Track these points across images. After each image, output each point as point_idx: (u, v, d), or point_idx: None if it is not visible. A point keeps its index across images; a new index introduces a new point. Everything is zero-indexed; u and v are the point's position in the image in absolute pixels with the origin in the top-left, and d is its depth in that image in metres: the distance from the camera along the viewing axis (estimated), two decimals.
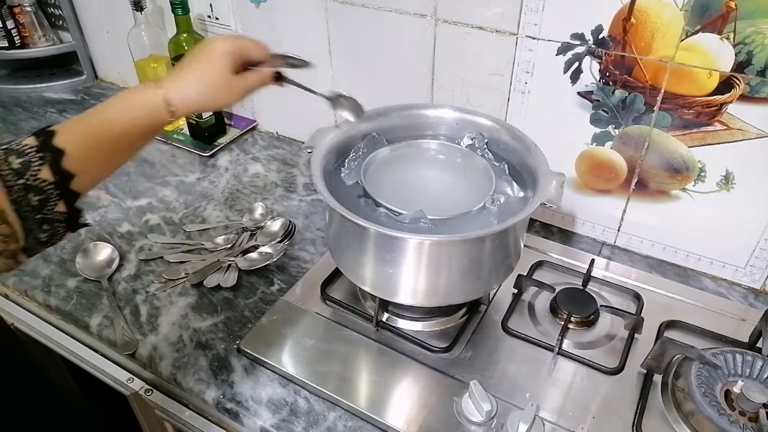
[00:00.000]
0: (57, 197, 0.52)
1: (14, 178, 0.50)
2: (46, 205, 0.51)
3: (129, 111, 0.57)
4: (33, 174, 0.50)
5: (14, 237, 0.50)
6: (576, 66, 0.79)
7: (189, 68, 0.60)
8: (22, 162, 0.50)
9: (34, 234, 0.52)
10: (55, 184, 0.51)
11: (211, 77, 0.60)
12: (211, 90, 0.60)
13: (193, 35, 1.09)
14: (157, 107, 0.57)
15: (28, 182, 0.50)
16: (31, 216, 0.51)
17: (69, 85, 1.43)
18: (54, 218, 0.52)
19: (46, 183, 0.51)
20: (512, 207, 0.71)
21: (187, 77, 0.59)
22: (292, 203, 1.02)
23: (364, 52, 0.98)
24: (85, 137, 0.54)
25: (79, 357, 0.82)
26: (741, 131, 0.73)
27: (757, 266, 0.81)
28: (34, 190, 0.50)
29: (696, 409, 0.62)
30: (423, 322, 0.77)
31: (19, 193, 0.50)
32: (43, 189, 0.51)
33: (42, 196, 0.51)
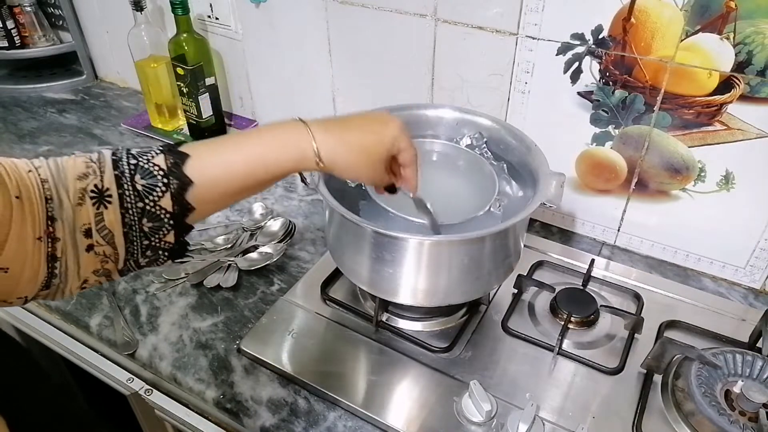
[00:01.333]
0: (169, 227, 0.48)
1: (134, 200, 0.46)
2: (157, 233, 0.48)
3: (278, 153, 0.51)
4: (154, 200, 0.47)
5: (115, 258, 0.47)
6: (576, 66, 0.79)
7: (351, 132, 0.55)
8: (146, 184, 0.46)
9: (135, 258, 0.48)
10: (172, 214, 0.48)
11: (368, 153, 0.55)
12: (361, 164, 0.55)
13: (193, 35, 1.09)
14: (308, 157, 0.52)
15: (147, 207, 0.47)
16: (138, 241, 0.47)
17: (69, 85, 1.43)
18: (160, 246, 0.49)
19: (164, 212, 0.47)
20: (513, 207, 0.71)
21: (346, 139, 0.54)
22: (292, 203, 1.02)
23: (364, 52, 0.98)
24: (220, 171, 0.49)
25: (79, 357, 0.82)
26: (741, 131, 0.73)
27: (757, 266, 0.81)
28: (150, 217, 0.47)
29: (696, 409, 0.62)
30: (423, 322, 0.77)
31: (134, 216, 0.46)
32: (158, 217, 0.47)
33: (156, 224, 0.48)
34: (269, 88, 1.16)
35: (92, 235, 0.45)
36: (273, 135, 0.52)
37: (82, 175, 0.45)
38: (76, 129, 1.25)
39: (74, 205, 0.44)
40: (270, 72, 1.13)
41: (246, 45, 1.13)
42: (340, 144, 0.53)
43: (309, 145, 0.52)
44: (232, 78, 1.21)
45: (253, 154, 0.51)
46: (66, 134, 1.23)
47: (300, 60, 1.07)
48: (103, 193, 0.45)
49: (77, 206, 0.44)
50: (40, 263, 0.44)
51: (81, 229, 0.45)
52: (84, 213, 0.45)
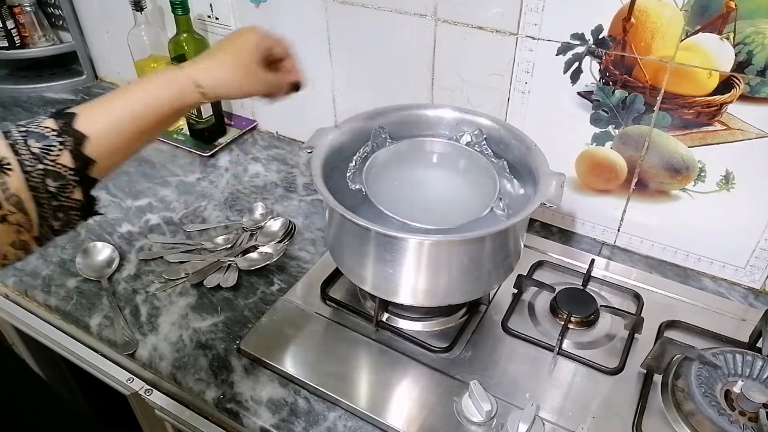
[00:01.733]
0: (75, 184, 0.50)
1: (34, 163, 0.47)
2: (63, 191, 0.49)
3: (157, 91, 0.55)
4: (53, 159, 0.48)
5: (29, 226, 0.48)
6: (576, 66, 0.79)
7: (219, 52, 0.61)
8: (42, 146, 0.48)
9: (48, 222, 0.49)
10: (74, 170, 0.49)
11: (240, 62, 0.60)
12: (239, 75, 0.60)
13: (193, 35, 1.09)
14: (186, 87, 0.56)
15: (48, 167, 0.48)
16: (47, 203, 0.48)
17: (69, 85, 1.43)
18: (70, 206, 0.50)
19: (65, 169, 0.49)
20: (513, 207, 0.71)
21: (217, 60, 0.60)
22: (292, 203, 1.02)
23: (364, 52, 0.98)
24: (108, 120, 0.52)
25: (79, 357, 0.82)
26: (741, 131, 0.73)
27: (757, 266, 0.81)
28: (53, 176, 0.48)
29: (696, 409, 0.62)
30: (423, 322, 0.77)
31: (38, 178, 0.47)
32: (61, 175, 0.49)
33: (60, 182, 0.49)
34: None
35: (2, 205, 0.46)
36: (150, 79, 0.57)
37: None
38: None
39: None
40: None
41: None
42: (212, 67, 0.59)
43: (185, 75, 0.57)
44: None
45: (135, 98, 0.55)
46: None
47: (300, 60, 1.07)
48: (1, 162, 0.46)
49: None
50: None
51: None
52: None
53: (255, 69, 0.61)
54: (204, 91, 0.57)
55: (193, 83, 0.57)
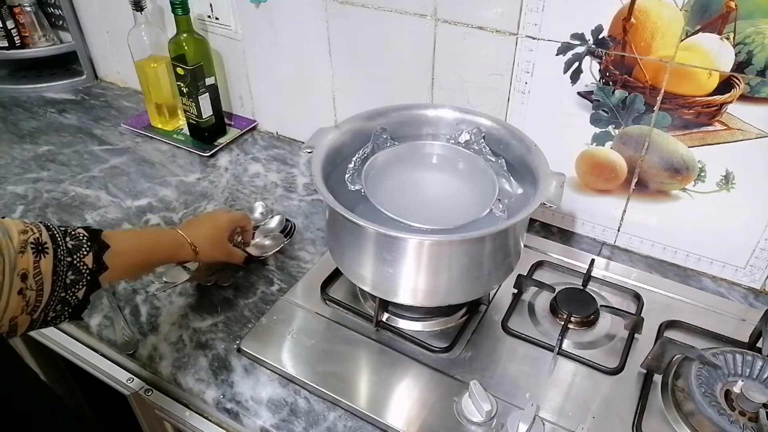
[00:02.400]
0: (84, 283, 0.58)
1: (65, 255, 0.56)
2: (75, 286, 0.57)
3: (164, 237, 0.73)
4: (80, 257, 0.58)
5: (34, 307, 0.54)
6: (576, 66, 0.79)
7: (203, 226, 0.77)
8: (75, 244, 0.58)
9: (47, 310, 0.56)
10: (90, 270, 0.58)
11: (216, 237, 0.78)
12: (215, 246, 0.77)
13: (193, 35, 1.09)
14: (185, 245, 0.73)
15: (74, 262, 0.57)
16: (57, 293, 0.56)
17: (69, 85, 1.43)
18: (69, 301, 0.57)
19: (86, 267, 0.58)
20: (513, 207, 0.71)
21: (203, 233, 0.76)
22: (292, 203, 1.02)
23: (364, 52, 0.98)
24: (125, 243, 0.65)
25: (79, 357, 0.82)
26: (741, 131, 0.73)
27: (757, 266, 0.81)
28: (74, 270, 0.57)
29: (696, 409, 0.62)
30: (423, 322, 0.77)
31: (63, 268, 0.56)
32: (81, 271, 0.58)
33: (77, 277, 0.57)
34: (269, 88, 1.16)
35: (27, 279, 0.53)
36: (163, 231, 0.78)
37: (23, 231, 0.54)
38: (76, 129, 1.25)
39: (17, 252, 0.52)
40: (270, 72, 1.13)
41: (246, 45, 1.13)
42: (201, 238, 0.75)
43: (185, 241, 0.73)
44: (232, 78, 1.21)
45: (148, 236, 0.75)
46: (66, 134, 1.23)
47: (300, 60, 1.07)
48: (42, 245, 0.55)
49: (19, 254, 0.52)
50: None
51: (18, 272, 0.52)
52: (24, 259, 0.53)
53: (224, 244, 0.79)
54: (196, 248, 0.73)
55: (189, 243, 0.73)
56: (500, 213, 0.69)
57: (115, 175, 1.10)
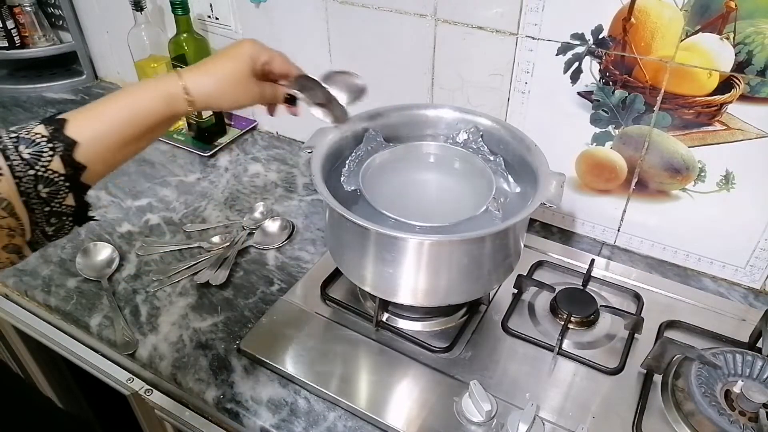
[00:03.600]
0: (66, 190, 0.50)
1: (24, 169, 0.48)
2: (55, 197, 0.50)
3: (146, 99, 0.55)
4: (44, 165, 0.49)
5: (20, 230, 0.48)
6: (576, 66, 0.79)
7: (211, 62, 0.60)
8: (33, 152, 0.48)
9: (41, 227, 0.50)
10: (65, 176, 0.50)
11: (230, 74, 0.59)
12: (228, 86, 0.59)
13: (193, 35, 1.09)
14: (175, 96, 0.56)
15: (39, 173, 0.48)
16: (39, 208, 0.49)
17: (69, 85, 1.43)
18: (62, 211, 0.51)
19: (56, 174, 0.49)
20: (512, 207, 0.71)
21: (208, 70, 0.59)
22: (292, 203, 1.02)
23: (364, 52, 0.98)
24: (98, 127, 0.52)
25: (79, 357, 0.82)
26: (741, 131, 0.73)
27: (757, 266, 0.81)
28: (44, 182, 0.49)
29: (696, 409, 0.62)
30: (423, 322, 0.77)
31: (29, 184, 0.48)
32: (53, 180, 0.49)
33: (52, 188, 0.49)
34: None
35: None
36: (141, 84, 0.57)
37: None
38: None
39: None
40: None
41: None
42: (202, 75, 0.58)
43: (175, 84, 0.56)
44: None
45: (125, 105, 0.54)
46: None
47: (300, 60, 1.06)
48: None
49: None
50: None
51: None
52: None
53: (245, 80, 0.60)
54: (192, 99, 0.57)
55: (183, 91, 0.56)
56: (496, 211, 0.69)
57: (115, 174, 1.09)
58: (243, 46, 0.61)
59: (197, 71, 0.58)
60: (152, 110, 0.55)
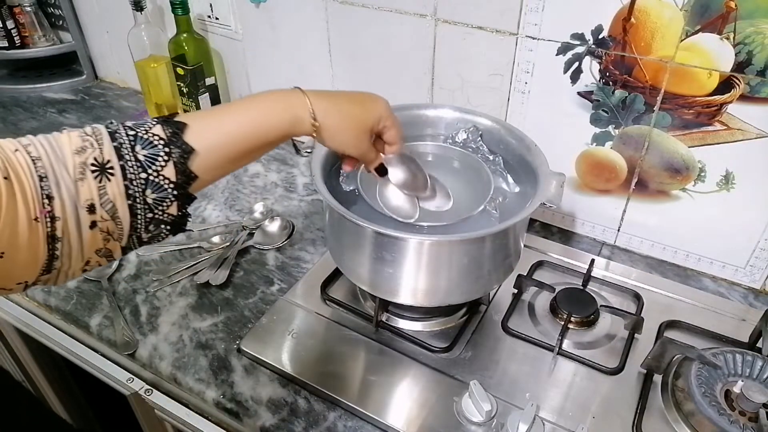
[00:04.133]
0: (173, 198, 0.48)
1: (137, 171, 0.45)
2: (161, 204, 0.47)
3: (273, 116, 0.53)
4: (156, 170, 0.46)
5: (118, 235, 0.46)
6: (576, 66, 0.79)
7: (343, 99, 0.59)
8: (148, 154, 0.46)
9: (138, 233, 0.47)
10: (175, 184, 0.47)
11: (357, 119, 0.58)
12: (349, 130, 0.58)
13: (193, 35, 1.09)
14: (301, 118, 0.54)
15: (150, 177, 0.46)
16: (142, 214, 0.46)
17: (69, 85, 1.43)
18: (163, 219, 0.48)
19: (167, 181, 0.47)
20: (512, 206, 0.71)
21: (338, 104, 0.57)
22: (292, 203, 1.02)
23: (364, 52, 0.98)
24: (218, 137, 0.50)
25: (79, 357, 0.82)
26: (741, 131, 0.73)
27: (757, 266, 0.81)
28: (154, 187, 0.46)
29: (696, 409, 0.62)
30: (423, 322, 0.77)
31: (138, 188, 0.45)
32: (162, 187, 0.47)
33: (160, 194, 0.47)
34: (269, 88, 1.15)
35: (96, 210, 0.44)
36: (267, 98, 0.54)
37: (79, 149, 0.44)
38: None
39: (75, 181, 0.43)
40: (270, 72, 1.14)
41: (246, 45, 1.13)
42: (332, 107, 0.56)
43: (304, 105, 0.54)
44: (232, 78, 1.21)
45: (249, 117, 0.52)
46: None
47: (300, 60, 1.07)
48: (105, 166, 0.44)
49: (78, 181, 0.43)
50: (39, 245, 0.42)
51: (84, 204, 0.43)
52: (86, 188, 0.43)
53: (364, 136, 0.59)
54: (318, 126, 0.55)
55: (310, 115, 0.54)
56: (493, 210, 0.69)
57: None
58: (378, 102, 0.60)
59: (327, 100, 0.56)
60: (276, 128, 0.53)
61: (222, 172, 0.52)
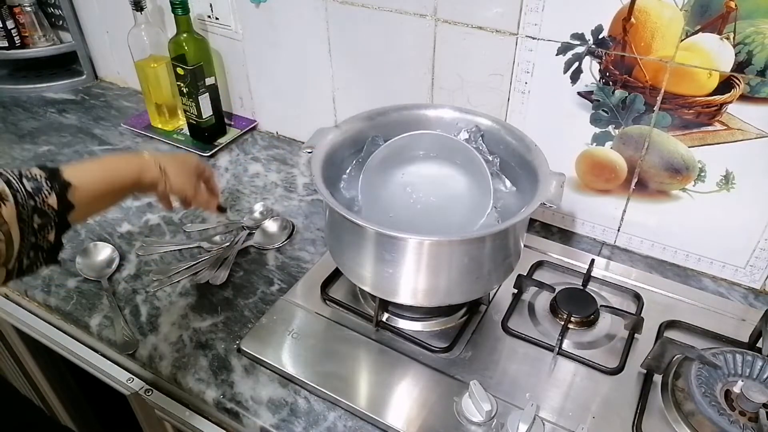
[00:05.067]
0: (53, 225, 0.56)
1: (26, 198, 0.53)
2: (43, 230, 0.55)
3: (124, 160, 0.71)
4: (43, 198, 0.55)
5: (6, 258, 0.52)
6: (576, 66, 0.79)
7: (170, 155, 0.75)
8: (34, 186, 0.55)
9: (20, 257, 0.54)
10: (57, 212, 0.56)
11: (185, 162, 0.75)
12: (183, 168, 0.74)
13: (193, 35, 1.09)
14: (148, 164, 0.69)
15: (37, 204, 0.54)
16: (27, 238, 0.53)
17: (69, 85, 1.43)
18: (41, 245, 0.55)
19: (51, 209, 0.55)
20: (512, 207, 0.71)
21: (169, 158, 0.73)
22: (292, 203, 1.02)
23: (364, 52, 0.98)
24: (87, 176, 0.61)
25: (79, 357, 0.82)
26: (741, 131, 0.73)
27: (757, 266, 0.81)
28: (39, 213, 0.54)
29: (696, 409, 0.62)
30: (423, 322, 0.77)
31: (28, 212, 0.53)
32: (47, 214, 0.55)
33: (44, 219, 0.55)
34: (269, 88, 1.16)
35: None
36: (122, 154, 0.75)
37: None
38: (76, 129, 1.25)
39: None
40: (270, 72, 1.14)
41: (246, 45, 1.13)
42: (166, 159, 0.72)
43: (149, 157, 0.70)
44: (232, 78, 1.21)
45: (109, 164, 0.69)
46: (66, 134, 1.23)
47: (300, 60, 1.07)
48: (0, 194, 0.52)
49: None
50: None
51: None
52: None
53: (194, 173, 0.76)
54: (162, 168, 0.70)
55: (155, 162, 0.69)
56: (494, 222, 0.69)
57: None
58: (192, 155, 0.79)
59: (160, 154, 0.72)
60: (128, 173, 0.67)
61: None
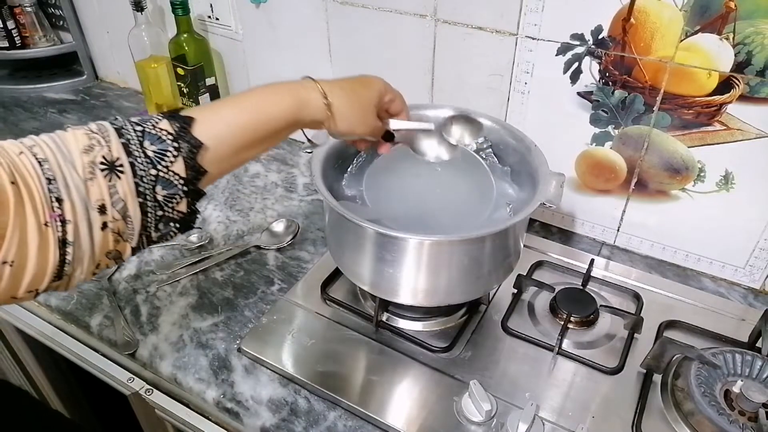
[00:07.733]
0: (182, 195, 0.47)
1: (147, 168, 0.44)
2: (170, 201, 0.46)
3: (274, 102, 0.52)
4: (166, 165, 0.45)
5: (129, 235, 0.45)
6: (576, 66, 0.79)
7: (344, 81, 0.59)
8: (157, 150, 0.45)
9: (147, 232, 0.46)
10: (185, 180, 0.46)
11: (363, 97, 0.59)
12: (358, 109, 0.58)
13: (194, 35, 1.09)
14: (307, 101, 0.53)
15: (160, 174, 0.45)
16: (152, 212, 0.45)
17: (69, 85, 1.43)
18: (172, 217, 0.47)
19: (177, 177, 0.46)
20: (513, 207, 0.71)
21: (343, 86, 0.57)
22: (292, 203, 1.02)
23: (364, 52, 0.98)
24: (223, 128, 0.49)
25: (79, 357, 0.82)
26: (740, 131, 0.73)
27: (757, 266, 0.81)
28: (164, 184, 0.45)
29: (696, 408, 0.62)
30: (423, 322, 0.77)
31: (149, 185, 0.44)
32: (173, 183, 0.45)
33: (170, 191, 0.46)
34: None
35: (107, 210, 0.42)
36: (272, 88, 0.54)
37: (87, 148, 0.42)
38: None
39: (85, 181, 0.41)
40: (270, 72, 1.14)
41: (246, 45, 1.13)
42: (338, 89, 0.56)
43: (313, 88, 0.54)
44: (232, 78, 1.21)
45: (255, 107, 0.51)
46: None
47: (300, 60, 1.07)
48: (114, 164, 0.43)
49: (88, 181, 0.41)
50: (49, 251, 0.40)
51: (95, 205, 0.42)
52: (96, 188, 0.42)
53: (372, 111, 0.61)
54: (329, 104, 0.55)
55: (321, 95, 0.54)
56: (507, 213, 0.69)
57: None
58: (375, 80, 0.62)
59: (332, 83, 0.56)
60: (281, 114, 0.52)
61: (230, 164, 0.51)
